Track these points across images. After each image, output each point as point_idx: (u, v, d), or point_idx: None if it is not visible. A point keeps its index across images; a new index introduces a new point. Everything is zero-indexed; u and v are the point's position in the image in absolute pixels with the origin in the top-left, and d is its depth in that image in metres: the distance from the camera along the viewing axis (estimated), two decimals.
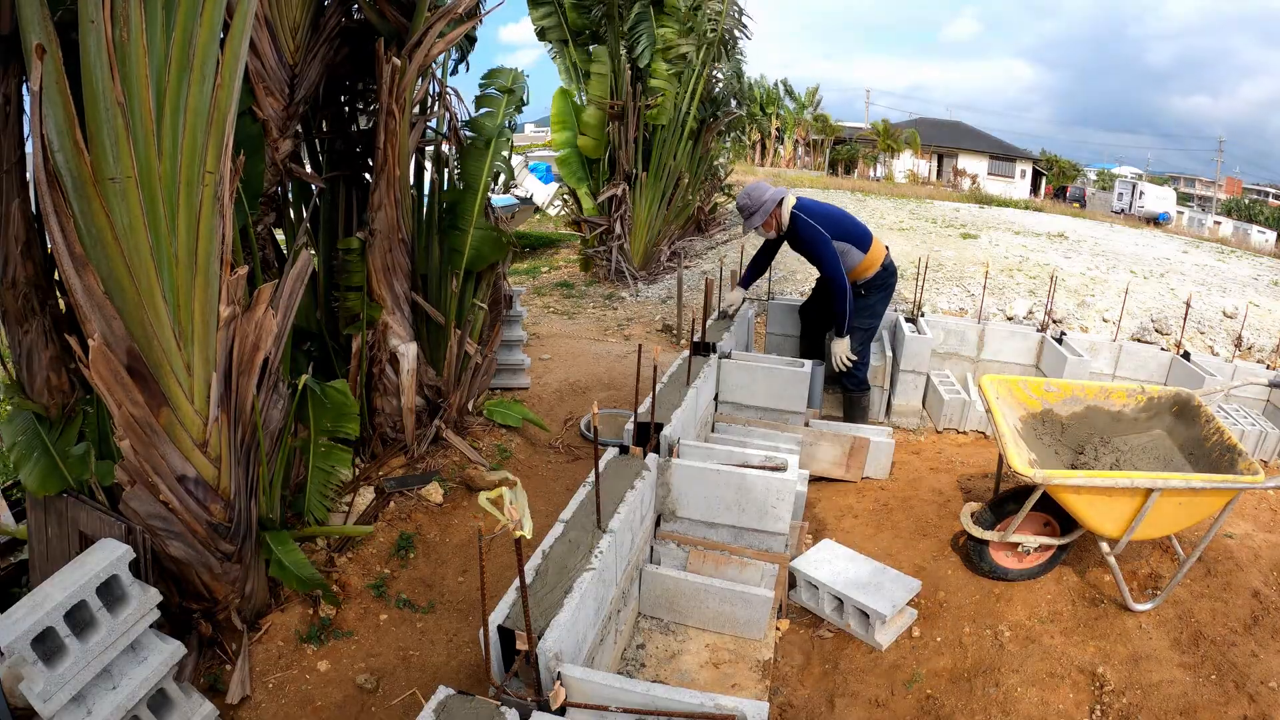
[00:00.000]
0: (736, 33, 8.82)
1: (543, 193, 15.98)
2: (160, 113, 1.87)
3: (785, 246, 4.19)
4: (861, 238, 3.98)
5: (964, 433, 4.45)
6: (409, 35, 3.23)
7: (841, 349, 4.00)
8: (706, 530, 2.83)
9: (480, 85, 3.93)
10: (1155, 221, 24.35)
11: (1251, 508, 3.48)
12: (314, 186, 3.53)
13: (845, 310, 3.89)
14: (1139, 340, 6.67)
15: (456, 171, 3.81)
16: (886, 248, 4.12)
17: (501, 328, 4.35)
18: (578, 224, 9.29)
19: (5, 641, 1.72)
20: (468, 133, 3.86)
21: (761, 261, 4.31)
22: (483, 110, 3.88)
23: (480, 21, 3.62)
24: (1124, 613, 2.72)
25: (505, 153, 3.81)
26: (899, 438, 4.20)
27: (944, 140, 33.84)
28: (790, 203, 3.93)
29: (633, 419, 2.70)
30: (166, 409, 2.09)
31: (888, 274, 4.08)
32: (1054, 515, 2.82)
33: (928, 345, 4.44)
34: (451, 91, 3.81)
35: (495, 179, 3.80)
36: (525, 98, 3.98)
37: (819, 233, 3.82)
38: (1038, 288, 8.17)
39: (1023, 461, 2.59)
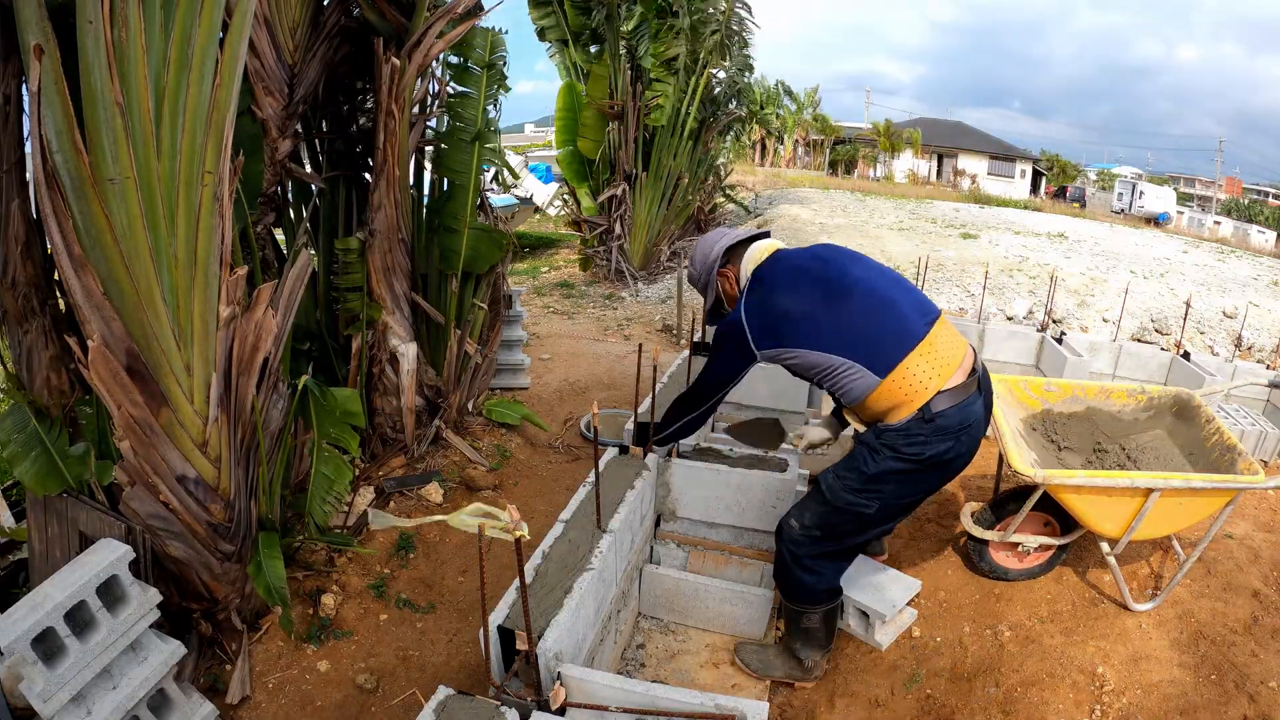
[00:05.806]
0: (740, 30, 8.82)
1: (543, 193, 16.00)
2: (159, 113, 1.87)
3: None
4: (880, 348, 2.00)
5: None
6: (408, 35, 3.23)
7: (658, 448, 2.60)
8: (706, 530, 2.82)
9: (449, 58, 3.29)
10: (1155, 221, 24.35)
11: (1251, 508, 3.48)
12: (314, 186, 3.53)
13: (664, 427, 2.43)
14: (1139, 340, 6.67)
15: (442, 166, 3.59)
16: (975, 377, 2.11)
17: (501, 327, 4.34)
18: (578, 224, 9.31)
19: (5, 641, 1.72)
20: (447, 118, 3.56)
21: None
22: (461, 90, 3.47)
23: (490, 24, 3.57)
24: (1124, 613, 2.71)
25: (491, 144, 3.48)
26: None
27: (944, 140, 33.86)
28: (761, 253, 2.22)
29: (633, 419, 2.70)
30: (166, 409, 2.09)
31: (941, 435, 2.01)
32: (1054, 515, 2.82)
33: None
34: (451, 91, 3.81)
35: (488, 173, 3.49)
36: (506, 67, 3.39)
37: (732, 325, 2.11)
38: (1038, 288, 8.18)
39: (1023, 461, 2.59)
